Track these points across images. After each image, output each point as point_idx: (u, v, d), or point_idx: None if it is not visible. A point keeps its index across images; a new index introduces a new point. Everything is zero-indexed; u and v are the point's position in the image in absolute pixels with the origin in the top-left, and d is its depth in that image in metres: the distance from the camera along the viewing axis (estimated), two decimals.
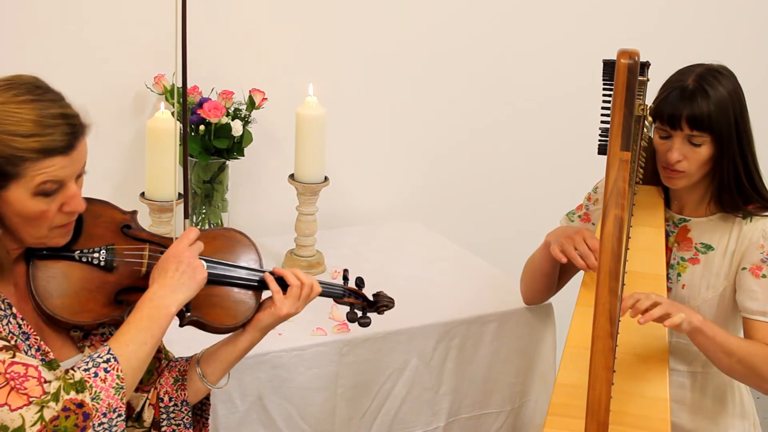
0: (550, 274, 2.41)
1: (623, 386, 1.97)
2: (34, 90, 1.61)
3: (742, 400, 2.30)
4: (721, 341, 2.07)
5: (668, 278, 2.25)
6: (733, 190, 2.19)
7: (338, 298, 1.98)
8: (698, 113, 2.11)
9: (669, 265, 2.27)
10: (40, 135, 1.58)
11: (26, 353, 1.64)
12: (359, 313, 1.98)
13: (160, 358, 1.90)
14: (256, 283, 1.88)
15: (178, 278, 1.72)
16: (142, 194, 2.51)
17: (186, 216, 2.01)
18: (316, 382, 2.37)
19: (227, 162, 2.73)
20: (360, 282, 2.01)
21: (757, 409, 2.36)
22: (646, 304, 1.99)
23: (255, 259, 1.92)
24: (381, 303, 2.00)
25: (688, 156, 2.16)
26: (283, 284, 1.88)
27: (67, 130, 1.61)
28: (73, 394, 1.57)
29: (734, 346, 2.09)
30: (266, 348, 2.29)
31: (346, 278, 2.01)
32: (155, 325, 1.68)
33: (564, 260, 2.24)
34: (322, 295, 1.92)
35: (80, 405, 1.57)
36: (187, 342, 2.00)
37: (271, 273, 1.89)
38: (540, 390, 2.64)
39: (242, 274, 1.87)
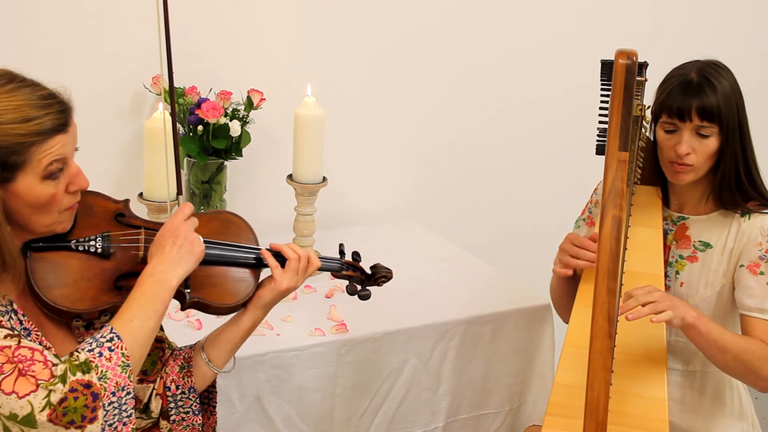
0: (572, 296, 2.38)
1: (621, 386, 1.97)
2: (15, 78, 1.63)
3: (740, 400, 2.30)
4: (716, 338, 2.06)
5: (666, 276, 2.25)
6: (732, 186, 2.19)
7: (336, 272, 1.99)
8: (707, 104, 2.12)
9: (667, 263, 2.26)
10: (38, 117, 1.60)
11: None
12: (358, 287, 1.98)
13: (164, 348, 1.90)
14: (253, 261, 1.89)
15: (176, 252, 1.73)
16: (141, 195, 2.51)
17: (179, 192, 1.99)
18: (314, 382, 2.37)
19: (225, 162, 2.73)
20: (356, 255, 2.01)
21: (756, 410, 2.36)
22: (641, 301, 1.98)
23: (251, 238, 1.93)
24: (379, 274, 2.00)
25: (696, 148, 2.16)
26: (281, 260, 1.88)
27: (59, 108, 1.63)
28: (79, 375, 1.56)
29: (729, 342, 2.08)
30: (265, 348, 2.29)
31: (342, 252, 2.01)
32: (157, 299, 1.68)
33: (569, 273, 2.24)
34: (320, 269, 1.93)
35: (88, 385, 1.56)
36: (186, 342, 2.00)
37: (268, 249, 1.89)
38: (539, 390, 2.64)
39: (239, 252, 1.88)
